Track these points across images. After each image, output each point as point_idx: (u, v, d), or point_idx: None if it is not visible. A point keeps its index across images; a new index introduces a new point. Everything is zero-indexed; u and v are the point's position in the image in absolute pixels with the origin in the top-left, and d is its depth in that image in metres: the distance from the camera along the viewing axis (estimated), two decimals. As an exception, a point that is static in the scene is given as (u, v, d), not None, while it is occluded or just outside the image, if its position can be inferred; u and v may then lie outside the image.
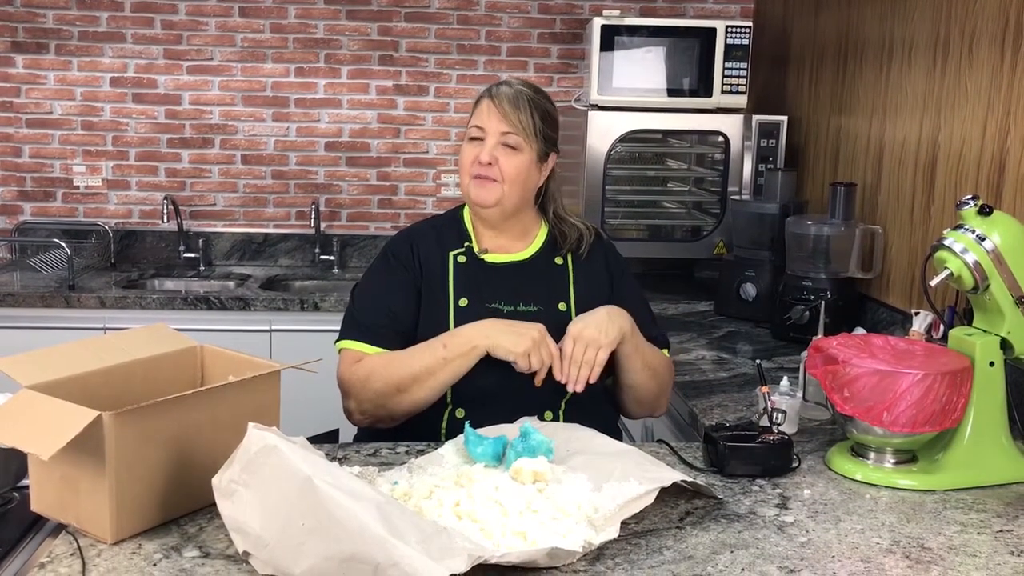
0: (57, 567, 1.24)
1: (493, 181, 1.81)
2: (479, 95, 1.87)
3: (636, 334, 1.78)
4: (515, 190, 1.83)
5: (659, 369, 1.86)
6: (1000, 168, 2.13)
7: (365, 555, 1.11)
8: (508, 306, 1.81)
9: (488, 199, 1.82)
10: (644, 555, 1.31)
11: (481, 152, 1.80)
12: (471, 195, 1.83)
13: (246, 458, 1.24)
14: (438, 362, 1.70)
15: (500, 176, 1.80)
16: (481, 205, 1.83)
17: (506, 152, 1.81)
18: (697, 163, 3.63)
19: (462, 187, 1.86)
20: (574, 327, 1.72)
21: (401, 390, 1.72)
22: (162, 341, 1.59)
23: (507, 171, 1.81)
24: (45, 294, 3.23)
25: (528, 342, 1.67)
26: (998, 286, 1.62)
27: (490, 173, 1.80)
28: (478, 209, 1.85)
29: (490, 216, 1.86)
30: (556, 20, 3.82)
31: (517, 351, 1.67)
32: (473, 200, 1.83)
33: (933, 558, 1.34)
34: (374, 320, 1.80)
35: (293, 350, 2.94)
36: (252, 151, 3.83)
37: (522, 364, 1.68)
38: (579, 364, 1.69)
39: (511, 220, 1.88)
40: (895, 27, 2.64)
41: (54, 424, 1.24)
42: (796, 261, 2.74)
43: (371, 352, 1.78)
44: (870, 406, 1.57)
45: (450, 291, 1.82)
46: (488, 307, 1.80)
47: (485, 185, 1.81)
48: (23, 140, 3.75)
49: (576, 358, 1.69)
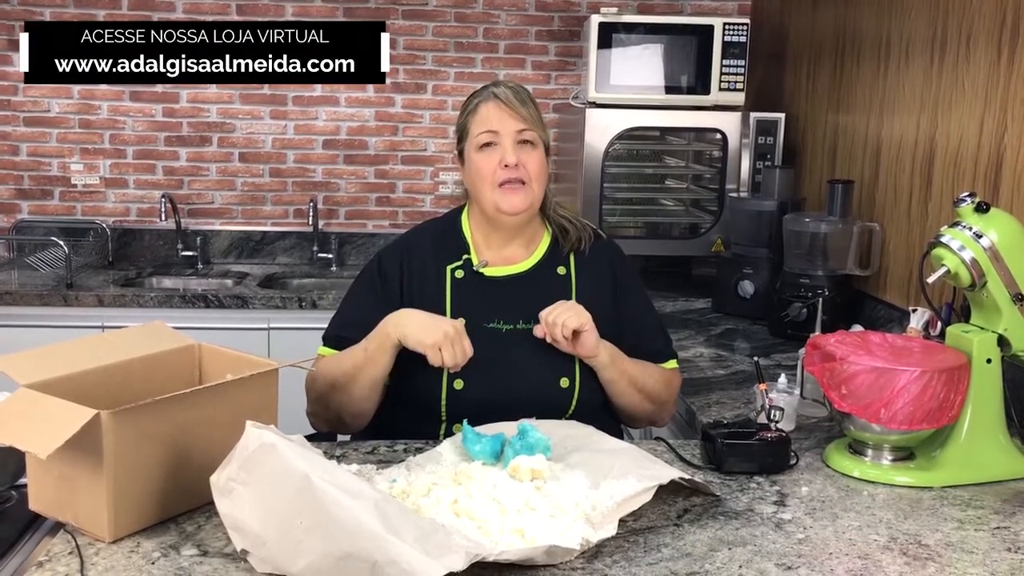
0: (55, 566, 1.24)
1: (522, 184, 1.74)
2: (473, 102, 1.79)
3: (618, 360, 1.74)
4: (541, 188, 1.77)
5: (652, 389, 1.80)
6: (997, 165, 2.13)
7: (363, 553, 1.11)
8: (507, 324, 1.75)
9: (521, 205, 1.74)
10: (642, 552, 1.31)
11: (505, 155, 1.73)
12: (500, 205, 1.73)
13: (244, 456, 1.24)
14: (361, 357, 1.68)
15: (527, 176, 1.74)
16: (513, 213, 1.74)
17: (526, 149, 1.75)
18: (695, 160, 3.63)
19: (483, 199, 1.76)
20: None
21: (336, 388, 1.71)
22: (160, 339, 1.59)
23: (533, 169, 1.74)
24: (43, 292, 3.23)
25: (439, 335, 1.61)
26: (995, 283, 1.62)
27: (519, 175, 1.73)
28: (504, 218, 1.77)
29: (516, 223, 1.78)
30: (554, 17, 3.82)
31: (426, 343, 1.61)
32: (504, 210, 1.74)
33: (930, 555, 1.34)
34: (348, 332, 1.76)
35: (291, 348, 2.93)
36: (250, 149, 3.83)
37: (432, 358, 1.61)
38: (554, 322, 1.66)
39: (525, 225, 1.81)
40: (892, 24, 2.64)
41: (52, 423, 1.24)
42: (794, 258, 2.74)
43: None
44: (868, 403, 1.57)
45: (447, 310, 1.76)
46: (486, 327, 1.74)
47: (516, 192, 1.73)
48: (21, 138, 3.75)
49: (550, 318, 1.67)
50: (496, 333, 1.74)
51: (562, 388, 1.73)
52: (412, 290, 1.79)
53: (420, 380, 1.71)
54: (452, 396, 1.71)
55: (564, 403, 1.73)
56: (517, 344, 1.74)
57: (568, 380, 1.73)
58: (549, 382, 1.73)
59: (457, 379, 1.70)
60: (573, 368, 1.74)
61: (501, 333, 1.75)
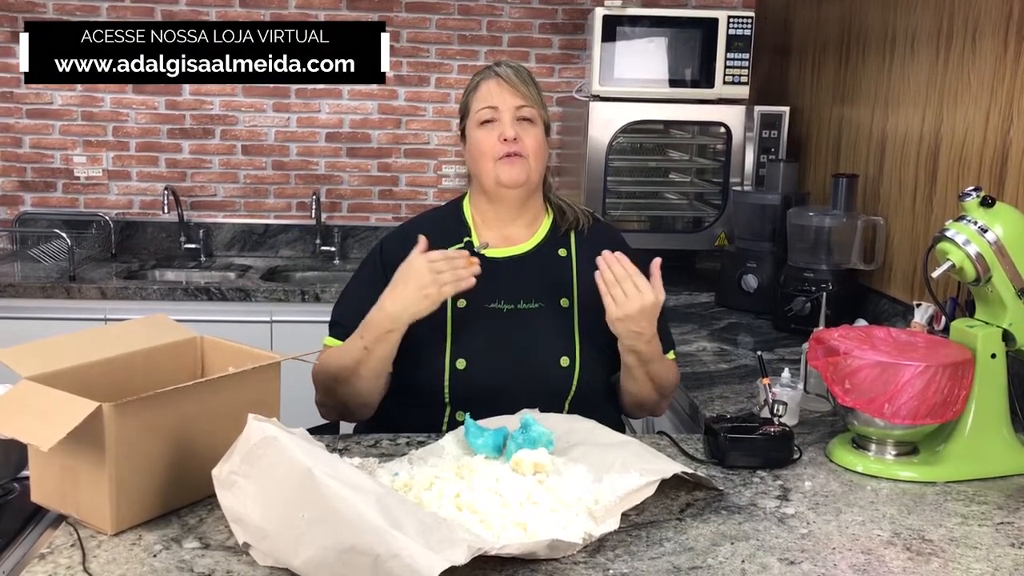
0: (57, 558, 1.24)
1: (521, 157, 1.76)
2: (475, 81, 1.83)
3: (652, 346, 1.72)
4: (539, 165, 1.80)
5: (663, 380, 1.81)
6: (1003, 159, 2.12)
7: (365, 546, 1.11)
8: (508, 304, 1.78)
9: (519, 177, 1.77)
10: (644, 547, 1.31)
11: (504, 129, 1.76)
12: (501, 177, 1.76)
13: (246, 449, 1.24)
14: (362, 353, 1.68)
15: (525, 151, 1.76)
16: (512, 185, 1.77)
17: (524, 126, 1.78)
18: (699, 154, 3.62)
19: (484, 173, 1.78)
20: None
21: (340, 381, 1.73)
22: (162, 332, 1.59)
23: (530, 145, 1.77)
24: (46, 285, 3.23)
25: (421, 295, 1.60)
26: (1000, 278, 1.61)
27: (518, 149, 1.76)
28: (504, 192, 1.79)
29: (517, 197, 1.81)
30: (558, 10, 3.81)
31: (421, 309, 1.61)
32: (503, 182, 1.77)
33: (934, 550, 1.33)
34: (351, 321, 1.76)
35: (294, 341, 2.93)
36: (253, 142, 3.83)
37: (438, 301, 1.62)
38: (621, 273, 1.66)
39: (526, 204, 1.84)
40: (898, 17, 2.63)
41: (54, 415, 1.24)
42: (798, 252, 2.73)
43: None
44: (871, 398, 1.56)
45: None
46: (487, 307, 1.77)
47: (515, 163, 1.76)
48: (24, 131, 3.75)
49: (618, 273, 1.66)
50: (497, 313, 1.77)
51: (563, 367, 1.75)
52: None
53: (423, 363, 1.74)
54: (455, 376, 1.73)
55: (566, 382, 1.75)
56: (518, 324, 1.77)
57: (569, 359, 1.75)
58: (550, 361, 1.75)
59: (459, 359, 1.73)
60: (574, 348, 1.76)
61: (503, 313, 1.77)
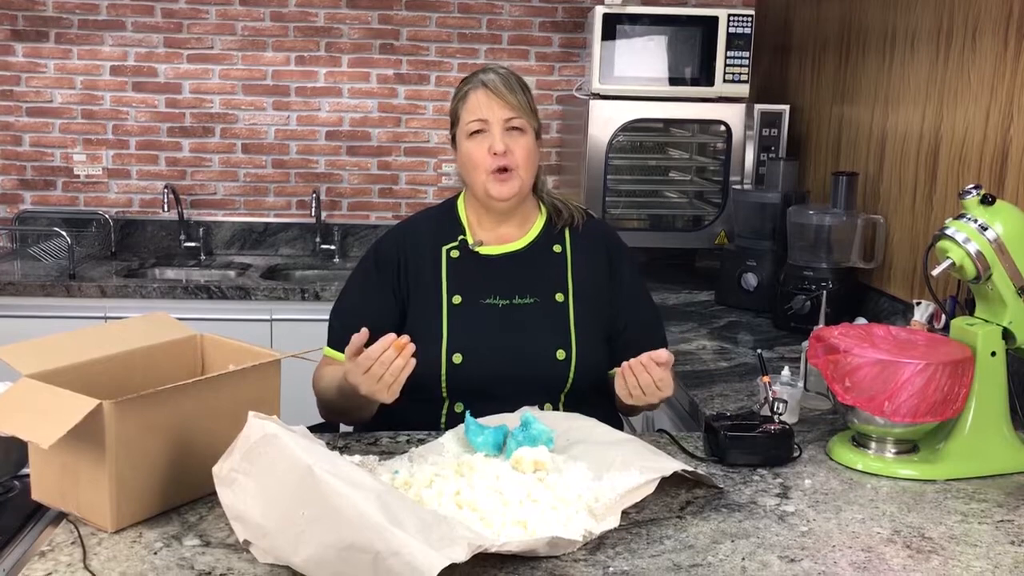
0: (58, 555, 1.24)
1: (511, 171, 1.77)
2: (463, 90, 1.82)
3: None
4: (529, 174, 1.81)
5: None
6: (1003, 157, 2.12)
7: (365, 544, 1.11)
8: (503, 300, 1.79)
9: (509, 193, 1.78)
10: (645, 544, 1.31)
11: (493, 143, 1.76)
12: (492, 192, 1.78)
13: (246, 447, 1.24)
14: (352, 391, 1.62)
15: (515, 163, 1.77)
16: (503, 199, 1.79)
17: (513, 136, 1.78)
18: (699, 152, 3.62)
19: (475, 185, 1.79)
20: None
21: (336, 400, 1.76)
22: (162, 330, 1.59)
23: (521, 156, 1.78)
24: (46, 283, 3.23)
25: (384, 394, 1.56)
26: (1000, 276, 1.61)
27: (508, 163, 1.76)
28: (494, 203, 1.81)
29: (507, 208, 1.82)
30: (558, 8, 3.81)
31: (390, 398, 1.58)
32: (495, 196, 1.78)
33: (934, 548, 1.33)
34: (347, 330, 1.71)
35: (294, 339, 2.92)
36: (253, 140, 3.82)
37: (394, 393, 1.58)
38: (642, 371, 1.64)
39: (518, 206, 1.85)
40: (898, 16, 2.63)
41: (54, 413, 1.24)
42: (798, 251, 2.73)
43: (340, 360, 1.75)
44: (871, 396, 1.56)
45: (443, 289, 1.80)
46: (482, 303, 1.78)
47: (506, 181, 1.77)
48: (23, 129, 3.74)
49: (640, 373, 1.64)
50: (492, 309, 1.78)
51: (559, 360, 1.76)
52: (409, 273, 1.83)
53: (420, 358, 1.72)
54: (451, 371, 1.74)
55: (562, 375, 1.76)
56: (513, 319, 1.78)
57: (564, 352, 1.77)
58: (546, 354, 1.76)
59: (456, 354, 1.74)
60: (569, 341, 1.78)
61: (497, 308, 1.79)
